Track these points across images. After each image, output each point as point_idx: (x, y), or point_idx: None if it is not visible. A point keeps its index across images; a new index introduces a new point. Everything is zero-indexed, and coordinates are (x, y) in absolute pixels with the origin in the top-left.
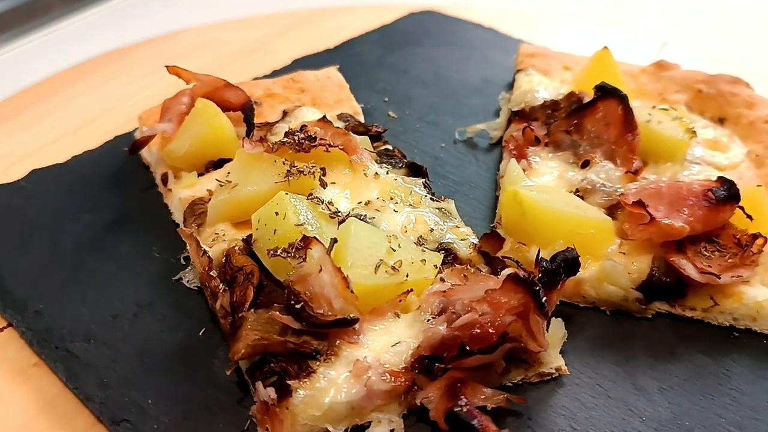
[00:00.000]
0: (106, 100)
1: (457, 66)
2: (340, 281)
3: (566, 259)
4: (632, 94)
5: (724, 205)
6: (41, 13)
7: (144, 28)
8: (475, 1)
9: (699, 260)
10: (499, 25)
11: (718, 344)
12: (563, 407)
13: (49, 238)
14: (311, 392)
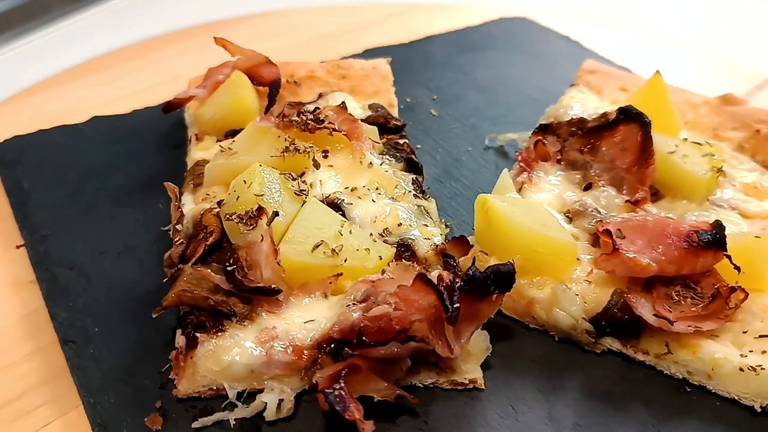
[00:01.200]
0: (180, 68)
1: (522, 74)
2: (271, 252)
3: (497, 272)
4: (687, 126)
5: (705, 250)
6: (41, 13)
7: (144, 28)
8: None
9: (662, 303)
10: (593, 42)
11: (664, 395)
12: (464, 420)
13: (78, 177)
14: (215, 348)
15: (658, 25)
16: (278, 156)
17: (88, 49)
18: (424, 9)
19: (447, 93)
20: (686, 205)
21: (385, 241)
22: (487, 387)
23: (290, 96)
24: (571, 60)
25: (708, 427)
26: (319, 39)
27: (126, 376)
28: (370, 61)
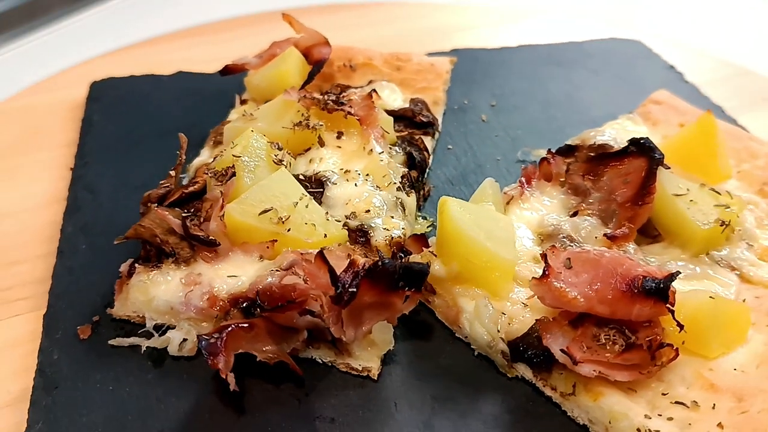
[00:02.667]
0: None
1: (599, 97)
2: (218, 208)
3: (407, 268)
4: (739, 175)
5: (645, 298)
6: (41, 13)
7: (145, 28)
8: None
9: (581, 341)
10: (701, 76)
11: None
12: (343, 402)
13: (139, 118)
14: (146, 281)
15: None
16: (290, 128)
17: (88, 49)
18: (542, 19)
19: (508, 102)
20: (677, 254)
21: (345, 225)
22: (383, 380)
23: (343, 79)
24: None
25: None
26: (421, 33)
27: (84, 290)
28: (432, 58)
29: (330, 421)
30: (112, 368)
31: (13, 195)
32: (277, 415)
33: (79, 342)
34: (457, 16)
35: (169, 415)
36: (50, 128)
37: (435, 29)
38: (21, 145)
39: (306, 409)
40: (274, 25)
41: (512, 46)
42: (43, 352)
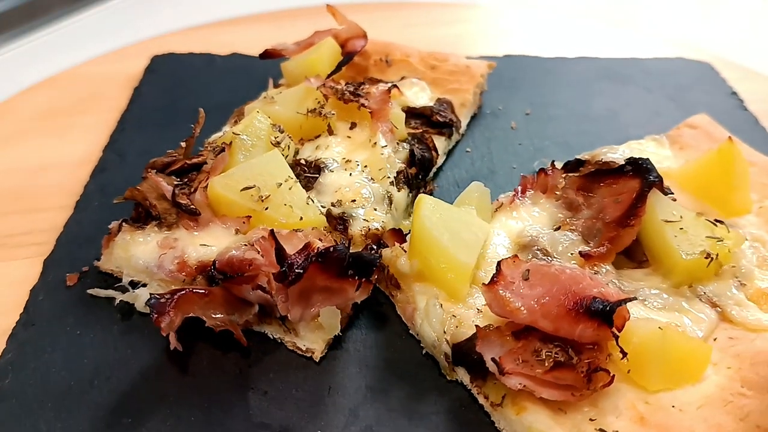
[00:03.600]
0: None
1: (643, 117)
2: (204, 180)
3: (357, 257)
4: (761, 210)
5: (589, 319)
6: (41, 13)
7: (144, 28)
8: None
9: (519, 353)
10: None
11: None
12: (280, 377)
13: (183, 92)
14: (129, 239)
15: None
16: (303, 114)
17: (88, 49)
18: (611, 34)
19: (544, 112)
20: (656, 282)
21: (329, 211)
22: (325, 363)
23: (377, 73)
24: (720, 116)
25: None
26: (475, 36)
27: (85, 244)
28: (469, 61)
29: (262, 394)
30: (84, 315)
31: (58, 151)
32: (216, 380)
33: (65, 288)
34: (524, 21)
35: (120, 364)
36: (106, 95)
37: (495, 33)
38: (77, 107)
39: (244, 379)
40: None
41: (569, 57)
42: (33, 292)
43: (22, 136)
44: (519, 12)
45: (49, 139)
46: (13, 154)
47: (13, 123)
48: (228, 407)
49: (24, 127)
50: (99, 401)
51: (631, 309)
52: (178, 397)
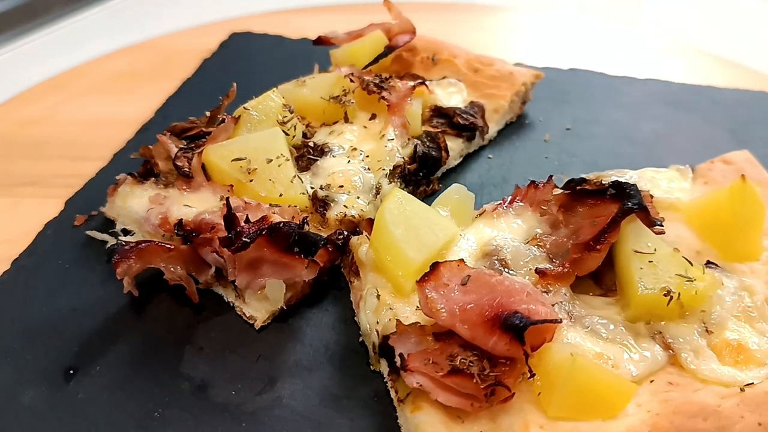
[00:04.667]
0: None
1: (690, 147)
2: (204, 146)
3: (301, 235)
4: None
5: (503, 333)
6: (41, 13)
7: (145, 28)
8: None
9: (431, 354)
10: None
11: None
12: (217, 336)
13: (238, 70)
14: (128, 191)
15: None
16: (326, 100)
17: (89, 49)
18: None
19: (585, 129)
20: (612, 312)
21: (315, 193)
22: (264, 333)
23: (421, 70)
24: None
25: None
26: (546, 44)
27: (104, 191)
28: (515, 68)
29: (198, 349)
30: (78, 254)
31: (118, 109)
32: (162, 329)
33: (72, 227)
34: (599, 35)
35: (88, 297)
36: (180, 65)
37: (565, 44)
38: (149, 72)
39: (187, 333)
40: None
41: (638, 78)
42: (46, 227)
43: (92, 93)
44: (595, 25)
45: (114, 98)
46: (80, 108)
47: (89, 81)
48: (163, 354)
49: (96, 86)
50: (60, 329)
51: (571, 334)
52: (126, 338)
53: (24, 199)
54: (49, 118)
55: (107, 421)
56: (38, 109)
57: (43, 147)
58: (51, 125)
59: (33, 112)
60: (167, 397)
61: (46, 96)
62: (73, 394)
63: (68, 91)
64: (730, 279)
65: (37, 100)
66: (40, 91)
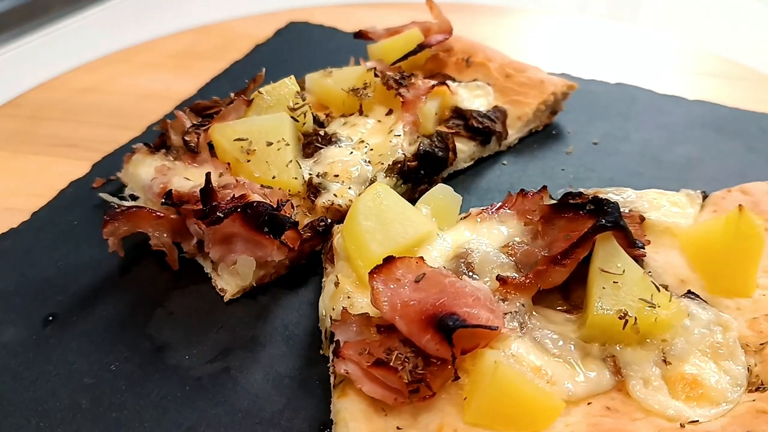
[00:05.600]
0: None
1: (719, 175)
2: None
3: (271, 216)
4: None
5: (435, 332)
6: (41, 13)
7: (144, 29)
8: None
9: (370, 345)
10: None
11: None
12: (183, 300)
13: (283, 58)
14: (140, 160)
15: None
16: (346, 91)
17: (89, 49)
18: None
19: (612, 145)
20: (568, 330)
21: (311, 179)
22: (232, 306)
23: (453, 71)
24: None
25: None
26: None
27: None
28: (547, 76)
29: (167, 314)
30: (88, 213)
31: (169, 85)
32: (141, 290)
33: (90, 189)
34: (659, 51)
35: (85, 254)
36: (236, 48)
37: (613, 56)
38: (207, 53)
39: (162, 297)
40: (461, 16)
41: (686, 98)
42: (68, 186)
43: (150, 68)
44: (651, 36)
45: (168, 74)
46: (135, 81)
47: (150, 56)
48: (135, 314)
49: (156, 62)
50: (51, 279)
51: (516, 344)
52: (106, 295)
53: (61, 159)
54: (104, 87)
55: (67, 367)
56: (98, 78)
57: (91, 113)
58: (104, 94)
59: (92, 81)
60: (126, 353)
61: (109, 67)
62: (46, 338)
63: (129, 65)
64: (706, 312)
65: (100, 70)
66: (105, 62)
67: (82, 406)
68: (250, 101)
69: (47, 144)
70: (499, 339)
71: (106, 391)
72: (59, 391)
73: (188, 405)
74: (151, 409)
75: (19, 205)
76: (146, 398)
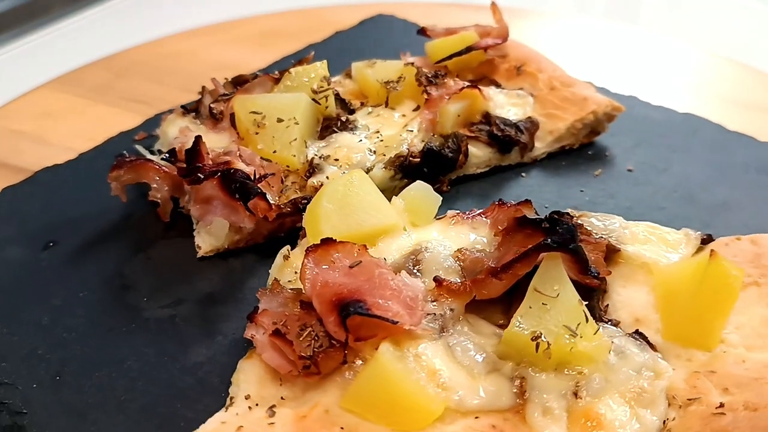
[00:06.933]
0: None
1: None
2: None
3: (241, 184)
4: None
5: (338, 315)
6: (41, 13)
7: (144, 29)
8: None
9: (288, 318)
10: None
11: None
12: (165, 250)
13: (353, 47)
14: (173, 119)
15: None
16: (381, 83)
17: (89, 49)
18: None
19: (648, 176)
20: (485, 341)
21: (312, 159)
22: (204, 264)
23: (502, 77)
24: None
25: None
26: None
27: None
28: (592, 95)
29: (146, 259)
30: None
31: (251, 59)
32: (132, 234)
33: (133, 140)
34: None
35: (103, 196)
36: (320, 33)
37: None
38: (293, 35)
39: (146, 244)
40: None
41: (758, 140)
42: (117, 135)
43: (237, 43)
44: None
45: (250, 50)
46: (220, 53)
47: (241, 32)
48: (120, 254)
49: (244, 38)
50: (64, 211)
51: (424, 345)
52: (103, 234)
53: (129, 113)
54: (190, 55)
55: (43, 288)
56: (187, 46)
57: (171, 77)
58: (188, 61)
59: (182, 48)
60: (96, 286)
61: (199, 37)
62: (40, 261)
63: (218, 37)
64: (642, 354)
65: (190, 40)
66: (197, 33)
67: (42, 322)
68: (278, 79)
69: (123, 98)
70: (410, 336)
71: (66, 314)
72: (29, 307)
73: (127, 340)
74: (94, 336)
75: (77, 146)
76: (96, 327)
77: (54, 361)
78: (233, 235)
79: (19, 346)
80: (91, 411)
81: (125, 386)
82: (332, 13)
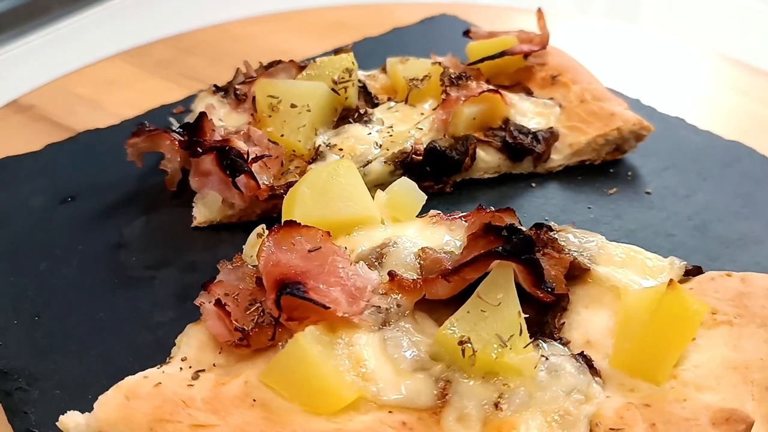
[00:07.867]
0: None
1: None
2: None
3: (231, 161)
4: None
5: (274, 292)
6: (41, 13)
7: (145, 28)
8: None
9: (239, 293)
10: None
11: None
12: (168, 217)
13: (403, 43)
14: (202, 97)
15: None
16: (407, 80)
17: (89, 49)
18: None
19: (665, 202)
20: (423, 341)
21: (318, 147)
22: (198, 234)
23: (535, 85)
24: None
25: None
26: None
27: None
28: (621, 111)
29: (146, 222)
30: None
31: (308, 48)
32: (141, 199)
33: (171, 113)
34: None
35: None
36: (380, 28)
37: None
38: (354, 29)
39: (150, 209)
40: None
41: None
42: (158, 107)
43: (299, 32)
44: None
45: (311, 40)
46: (281, 40)
47: (306, 22)
48: (124, 215)
49: (308, 27)
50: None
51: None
52: (118, 197)
53: (182, 88)
54: (250, 40)
55: (53, 238)
56: (252, 30)
57: (230, 58)
58: (245, 46)
59: (246, 32)
60: (94, 241)
61: (263, 24)
62: (56, 212)
63: (283, 25)
64: (578, 377)
65: (255, 26)
66: (262, 20)
67: (39, 267)
68: (303, 66)
69: (180, 74)
70: (348, 324)
71: (62, 263)
72: (33, 252)
73: (107, 293)
74: (79, 287)
75: (124, 113)
76: (83, 278)
77: (38, 303)
78: (226, 209)
79: (12, 285)
80: (53, 352)
81: (90, 335)
82: (399, 9)
